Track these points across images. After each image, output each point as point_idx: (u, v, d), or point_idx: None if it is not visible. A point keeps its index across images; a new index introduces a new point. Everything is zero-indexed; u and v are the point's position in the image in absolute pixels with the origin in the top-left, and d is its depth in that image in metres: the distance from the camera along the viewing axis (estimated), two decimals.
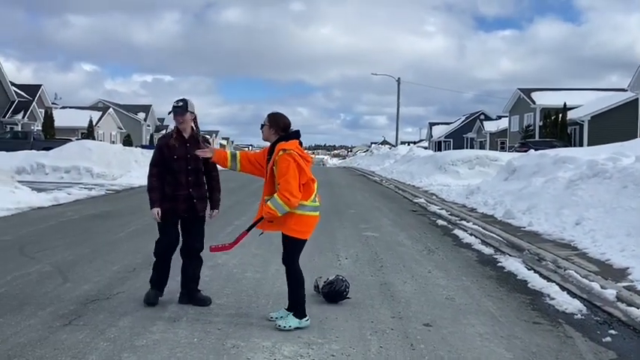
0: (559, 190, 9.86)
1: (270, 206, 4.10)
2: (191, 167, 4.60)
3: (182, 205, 4.60)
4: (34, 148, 25.59)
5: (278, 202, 4.07)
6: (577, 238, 7.73)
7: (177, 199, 4.58)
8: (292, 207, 4.08)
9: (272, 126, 4.31)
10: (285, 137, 4.25)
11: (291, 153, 4.10)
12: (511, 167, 13.74)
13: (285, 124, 4.31)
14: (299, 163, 4.09)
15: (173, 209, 4.60)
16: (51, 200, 12.57)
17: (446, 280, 5.91)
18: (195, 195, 4.63)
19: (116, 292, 5.09)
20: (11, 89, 38.66)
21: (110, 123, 54.74)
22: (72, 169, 19.05)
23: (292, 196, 4.04)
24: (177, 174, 4.59)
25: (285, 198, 4.04)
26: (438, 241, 8.43)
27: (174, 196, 4.58)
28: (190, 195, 4.60)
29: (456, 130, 66.22)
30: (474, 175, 19.14)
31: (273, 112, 4.39)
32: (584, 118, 35.02)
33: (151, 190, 4.63)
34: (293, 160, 4.08)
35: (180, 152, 4.59)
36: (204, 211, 4.73)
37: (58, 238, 7.94)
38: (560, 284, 5.70)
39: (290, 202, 4.05)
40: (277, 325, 4.20)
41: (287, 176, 4.05)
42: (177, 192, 4.58)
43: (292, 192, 4.04)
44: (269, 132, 4.32)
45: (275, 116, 4.35)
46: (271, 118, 4.33)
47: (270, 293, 5.22)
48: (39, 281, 5.45)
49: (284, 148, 4.11)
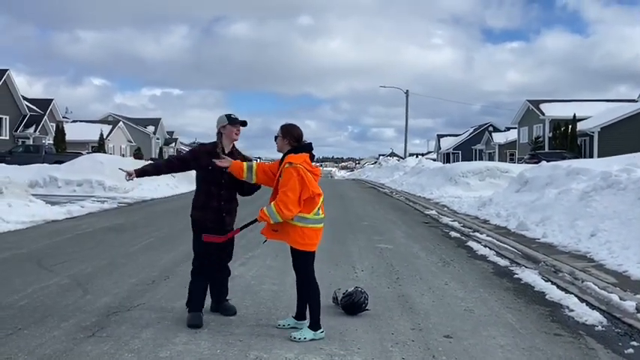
0: (573, 202, 9.84)
1: (264, 211, 4.21)
2: (225, 181, 4.59)
3: (210, 215, 4.58)
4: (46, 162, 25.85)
5: (272, 210, 4.18)
6: (593, 249, 7.70)
7: (208, 209, 4.58)
8: (285, 218, 4.16)
9: (285, 137, 4.36)
10: (296, 149, 4.31)
11: (297, 167, 4.16)
12: (523, 179, 13.71)
13: (297, 135, 4.37)
14: (303, 178, 4.15)
15: (202, 218, 4.60)
16: (65, 213, 12.67)
17: (463, 291, 5.90)
18: (225, 208, 4.62)
19: (137, 304, 5.12)
20: (23, 103, 39.14)
21: (120, 136, 55.17)
22: (84, 182, 19.18)
23: (287, 208, 4.12)
24: (210, 184, 4.58)
25: (278, 208, 4.14)
26: (453, 252, 8.42)
27: (204, 206, 4.59)
28: (220, 207, 4.60)
29: (464, 142, 66.20)
30: (484, 187, 19.10)
31: (286, 123, 4.45)
32: (593, 129, 34.90)
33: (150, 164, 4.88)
34: (297, 174, 4.14)
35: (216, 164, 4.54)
36: (232, 225, 4.72)
37: (75, 250, 8.00)
38: (578, 296, 5.67)
39: (283, 213, 4.13)
40: (292, 336, 4.22)
41: (286, 188, 4.14)
42: (208, 202, 4.58)
43: (287, 205, 4.12)
44: (282, 143, 4.38)
45: (288, 127, 4.41)
46: (284, 130, 4.39)
47: (289, 305, 5.22)
48: (59, 293, 5.50)
49: (290, 162, 4.19)
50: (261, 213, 4.22)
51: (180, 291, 5.58)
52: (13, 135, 38.06)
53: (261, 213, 4.22)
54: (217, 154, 4.53)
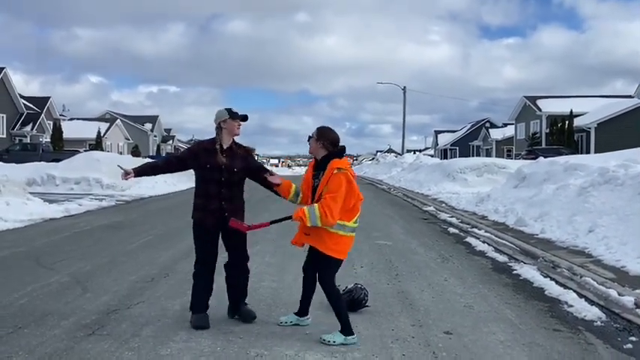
0: (571, 198, 9.86)
1: (305, 212, 3.98)
2: (224, 179, 4.38)
3: (211, 218, 4.38)
4: (43, 160, 25.83)
5: (315, 213, 3.94)
6: (591, 245, 7.72)
7: (207, 210, 4.39)
8: (325, 224, 3.95)
9: (320, 139, 4.19)
10: (336, 154, 4.15)
11: (346, 173, 4.00)
12: (521, 175, 13.74)
13: (333, 139, 4.20)
14: (350, 184, 4.00)
15: (201, 221, 4.44)
16: (62, 211, 12.65)
17: (462, 288, 5.91)
18: (227, 208, 4.38)
19: (136, 302, 5.12)
20: (20, 102, 39.03)
21: (117, 134, 55.06)
22: (82, 180, 19.16)
23: (331, 215, 3.91)
24: (208, 184, 4.39)
25: (323, 212, 3.91)
26: (451, 248, 8.44)
27: (204, 208, 4.41)
28: (221, 208, 4.37)
29: (461, 138, 66.22)
30: (482, 183, 19.13)
31: (323, 126, 4.30)
32: (590, 125, 34.99)
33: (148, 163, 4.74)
34: (346, 180, 3.97)
35: (214, 162, 4.38)
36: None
37: (73, 249, 8.00)
38: (577, 291, 5.69)
39: (327, 219, 3.92)
40: (322, 338, 4.11)
41: (336, 195, 3.93)
42: (207, 203, 4.39)
43: (333, 211, 3.91)
44: (316, 145, 4.20)
45: (323, 130, 4.24)
46: (320, 132, 4.22)
47: (289, 302, 5.23)
48: (59, 292, 5.49)
49: (339, 167, 4.00)
50: (300, 212, 3.97)
51: (180, 289, 5.61)
52: (10, 133, 37.96)
53: (300, 212, 3.97)
54: (216, 151, 4.38)
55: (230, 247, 4.52)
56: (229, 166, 4.40)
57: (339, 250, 4.12)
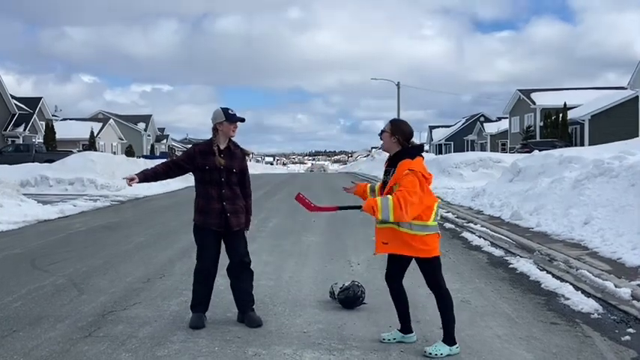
0: (566, 190, 9.88)
1: (377, 203, 3.65)
2: (224, 179, 4.35)
3: (214, 219, 4.33)
4: (37, 161, 25.70)
5: (388, 205, 3.60)
6: (587, 237, 7.74)
7: (209, 212, 4.34)
8: (398, 219, 3.63)
9: (394, 133, 3.86)
10: (409, 152, 3.83)
11: (418, 174, 3.69)
12: (516, 168, 13.76)
13: (409, 133, 3.89)
14: (423, 186, 3.71)
15: (204, 223, 4.37)
16: (57, 212, 12.60)
17: (459, 283, 5.91)
18: (228, 209, 4.35)
19: (133, 303, 5.09)
20: (12, 102, 38.79)
21: (111, 134, 54.85)
22: (76, 180, 19.08)
23: (406, 208, 3.59)
24: (208, 185, 4.35)
25: (397, 202, 3.57)
26: (448, 244, 8.43)
27: (206, 210, 4.35)
28: (223, 209, 4.34)
29: (456, 133, 66.35)
30: (477, 178, 19.18)
31: (396, 119, 4.05)
32: (584, 117, 35.09)
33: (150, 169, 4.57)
34: (419, 181, 3.68)
35: (212, 163, 4.33)
36: (240, 225, 4.45)
37: (68, 250, 7.95)
38: (573, 284, 5.70)
39: (400, 212, 3.58)
40: (426, 351, 3.85)
41: (411, 190, 3.62)
42: (208, 205, 4.34)
43: (407, 204, 3.59)
44: (390, 140, 3.88)
45: (398, 123, 3.94)
46: (394, 125, 3.90)
47: (286, 301, 5.23)
48: (54, 294, 5.46)
49: (411, 169, 3.69)
50: (372, 202, 3.66)
51: (176, 289, 5.59)
52: (2, 134, 37.75)
53: (372, 202, 3.66)
54: (213, 153, 4.35)
55: (231, 249, 4.46)
56: (228, 167, 4.37)
57: (430, 248, 3.84)
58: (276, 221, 11.14)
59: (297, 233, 9.47)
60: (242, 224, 4.47)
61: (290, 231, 9.77)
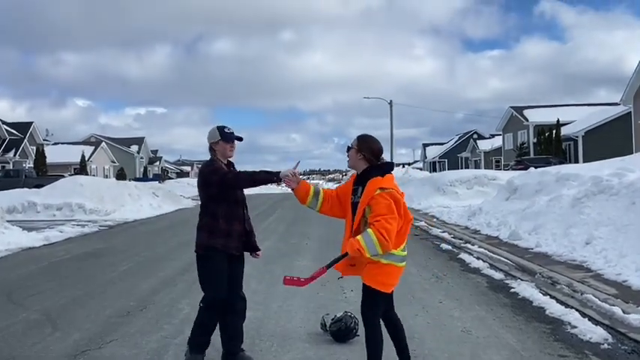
0: (565, 209, 9.61)
1: (360, 242, 3.34)
2: (242, 199, 4.03)
3: (235, 242, 3.92)
4: (26, 186, 25.25)
5: (372, 240, 3.32)
6: (589, 258, 7.45)
7: (232, 234, 3.91)
8: (385, 251, 3.37)
9: (361, 150, 3.61)
10: (379, 169, 3.57)
11: (392, 192, 3.44)
12: (512, 186, 13.51)
13: (378, 150, 3.64)
14: (398, 205, 3.46)
15: (226, 246, 3.89)
16: (42, 240, 12.20)
17: (459, 310, 5.59)
18: (249, 229, 4.05)
19: (109, 340, 4.73)
20: (2, 128, 38.47)
21: (103, 157, 54.50)
22: (64, 205, 18.68)
23: (389, 237, 3.34)
24: (234, 205, 3.93)
25: (380, 236, 3.31)
26: (445, 266, 8.12)
27: (228, 232, 3.89)
28: (244, 230, 3.99)
29: (449, 150, 66.33)
30: (473, 196, 18.91)
31: (364, 135, 3.73)
32: (578, 133, 35.05)
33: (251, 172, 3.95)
34: (393, 201, 3.42)
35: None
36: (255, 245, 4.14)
37: (49, 280, 7.58)
38: (579, 310, 5.39)
39: (385, 244, 3.33)
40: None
41: (387, 216, 3.36)
42: (231, 227, 3.90)
43: (390, 233, 3.35)
44: (356, 157, 3.62)
45: (365, 139, 3.68)
46: (361, 141, 3.65)
47: (274, 334, 4.89)
48: (26, 331, 5.08)
49: (382, 187, 3.44)
50: (356, 244, 3.35)
51: (157, 323, 5.24)
52: None
53: (356, 244, 3.35)
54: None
55: (234, 277, 3.99)
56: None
57: (387, 282, 3.56)
58: (269, 244, 10.79)
59: (290, 257, 9.14)
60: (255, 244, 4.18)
61: (282, 254, 9.43)
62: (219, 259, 3.88)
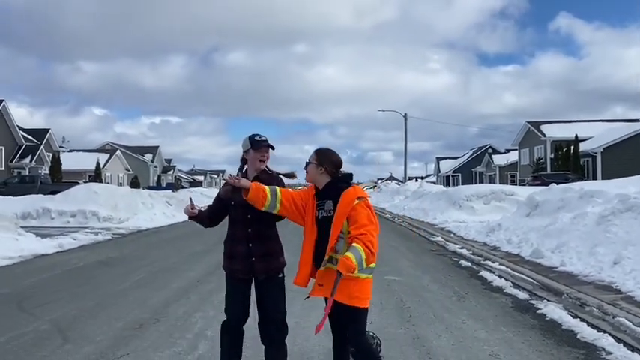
0: (590, 227, 9.30)
1: (351, 259, 3.14)
2: (251, 217, 3.61)
3: (239, 264, 3.64)
4: (42, 193, 25.37)
5: (361, 255, 3.16)
6: (618, 279, 7.15)
7: (234, 256, 3.65)
8: (370, 264, 3.25)
9: (322, 164, 3.47)
10: (343, 181, 3.47)
11: (368, 201, 3.34)
12: (533, 202, 13.20)
13: (337, 162, 3.52)
14: (374, 214, 3.38)
15: (231, 270, 3.69)
16: (55, 247, 12.14)
17: (485, 332, 5.33)
18: (255, 251, 3.62)
19: (120, 355, 4.56)
20: (19, 134, 38.84)
21: (118, 165, 54.81)
22: (78, 213, 18.65)
23: (374, 252, 3.22)
24: (235, 225, 3.68)
25: (369, 251, 3.18)
26: (466, 284, 7.85)
27: (231, 253, 3.68)
28: (249, 252, 3.62)
29: (464, 165, 65.89)
30: (490, 211, 18.58)
31: (321, 148, 3.60)
32: (596, 149, 34.56)
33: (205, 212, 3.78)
34: (371, 210, 3.34)
35: (239, 197, 3.59)
36: (268, 272, 3.67)
37: (61, 289, 7.44)
38: (613, 334, 5.11)
39: (372, 258, 3.22)
40: None
41: (369, 228, 3.24)
42: (234, 247, 3.66)
43: (375, 246, 3.22)
44: (316, 171, 3.48)
45: (325, 152, 3.54)
46: (321, 155, 3.51)
47: (292, 352, 4.65)
48: (36, 342, 4.93)
49: (360, 196, 3.34)
50: (348, 262, 3.14)
51: (170, 337, 5.06)
52: (8, 166, 37.66)
53: (348, 262, 3.14)
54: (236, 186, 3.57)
55: (262, 300, 3.71)
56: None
57: (365, 297, 3.41)
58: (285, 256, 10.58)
59: None
60: (269, 270, 3.68)
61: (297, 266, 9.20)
62: (229, 284, 3.75)
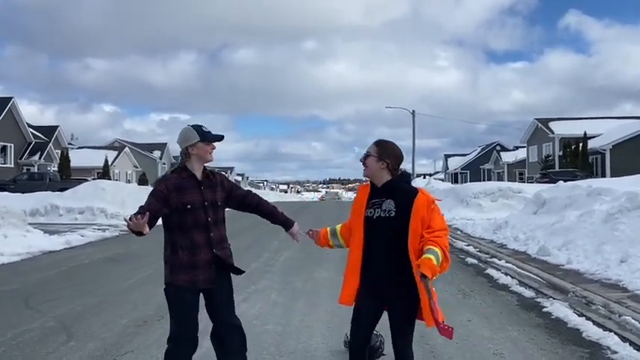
0: (597, 225, 9.24)
1: (433, 261, 2.86)
2: (211, 219, 3.31)
3: (203, 274, 3.26)
4: (50, 189, 25.50)
5: (439, 257, 2.91)
6: (625, 277, 7.09)
7: (197, 266, 3.25)
8: (442, 271, 2.99)
9: (383, 157, 3.10)
10: (406, 181, 3.17)
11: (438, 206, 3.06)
12: (540, 200, 13.12)
13: (400, 157, 3.16)
14: None
15: (191, 282, 3.25)
16: (63, 243, 12.21)
17: (489, 330, 5.31)
18: (221, 255, 3.34)
19: (124, 352, 4.57)
20: (28, 131, 39.06)
21: (126, 162, 55.01)
22: (86, 209, 18.75)
23: (449, 259, 3.00)
24: (193, 231, 3.26)
25: (444, 255, 2.94)
26: (472, 282, 7.82)
27: (192, 264, 3.25)
28: (215, 258, 3.31)
29: (472, 162, 65.57)
30: (497, 208, 18.50)
31: (383, 140, 3.21)
32: (605, 147, 34.31)
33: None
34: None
35: (195, 198, 3.28)
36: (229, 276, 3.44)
37: (67, 286, 7.49)
38: (618, 333, 5.06)
39: (445, 264, 2.97)
40: None
41: (445, 232, 3.01)
42: (194, 257, 3.26)
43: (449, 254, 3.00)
44: (377, 166, 3.11)
45: (387, 145, 3.16)
46: (382, 148, 3.14)
47: (295, 350, 4.68)
48: (41, 339, 4.96)
49: (433, 200, 3.05)
50: (430, 262, 2.85)
51: None
52: (17, 162, 37.90)
53: (430, 262, 2.85)
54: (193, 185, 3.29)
55: (215, 310, 3.38)
56: (213, 200, 3.36)
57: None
58: (288, 254, 10.60)
59: (310, 268, 8.91)
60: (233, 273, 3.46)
61: (302, 266, 9.22)
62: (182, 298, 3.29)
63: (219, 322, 3.39)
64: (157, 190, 3.27)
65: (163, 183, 3.30)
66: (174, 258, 3.28)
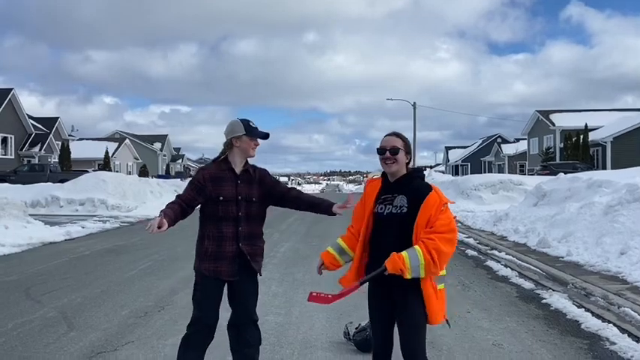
0: (597, 217, 9.25)
1: (404, 259, 2.71)
2: (242, 213, 3.33)
3: (227, 266, 3.30)
4: (51, 181, 25.54)
5: (419, 260, 2.70)
6: (624, 269, 7.11)
7: (222, 257, 3.30)
8: (430, 274, 2.77)
9: (408, 151, 2.98)
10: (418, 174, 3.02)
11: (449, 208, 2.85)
12: (541, 192, 13.12)
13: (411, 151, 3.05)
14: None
15: (215, 272, 3.31)
16: (64, 235, 12.24)
17: (488, 321, 5.33)
18: (247, 251, 3.33)
19: (125, 342, 4.59)
20: (29, 122, 39.03)
21: (126, 154, 55.02)
22: (87, 201, 18.79)
23: (440, 262, 2.72)
24: (222, 223, 3.31)
25: (429, 258, 2.69)
26: (472, 274, 7.84)
27: (217, 254, 3.30)
28: (240, 252, 3.32)
29: (473, 154, 65.53)
30: (498, 200, 18.53)
31: (399, 132, 3.04)
32: (606, 139, 34.27)
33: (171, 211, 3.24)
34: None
35: (229, 191, 3.32)
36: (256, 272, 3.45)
37: (67, 277, 7.51)
38: (617, 325, 5.08)
39: (436, 268, 2.73)
40: None
41: (448, 236, 2.76)
42: (221, 248, 3.30)
43: (442, 257, 2.72)
44: (405, 161, 2.96)
45: (406, 139, 3.02)
46: (406, 140, 3.00)
47: (295, 341, 4.70)
48: (42, 330, 4.98)
49: (445, 202, 2.83)
50: (399, 260, 2.71)
51: (175, 325, 5.09)
52: (18, 154, 37.90)
53: (399, 260, 2.71)
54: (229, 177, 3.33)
55: (236, 302, 3.42)
56: (248, 196, 3.36)
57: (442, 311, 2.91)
58: (289, 245, 10.62)
59: (311, 259, 8.92)
60: (259, 270, 3.46)
61: (303, 256, 9.25)
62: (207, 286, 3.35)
63: (237, 315, 3.44)
64: (194, 179, 3.39)
65: (201, 172, 3.40)
66: (201, 246, 3.37)
